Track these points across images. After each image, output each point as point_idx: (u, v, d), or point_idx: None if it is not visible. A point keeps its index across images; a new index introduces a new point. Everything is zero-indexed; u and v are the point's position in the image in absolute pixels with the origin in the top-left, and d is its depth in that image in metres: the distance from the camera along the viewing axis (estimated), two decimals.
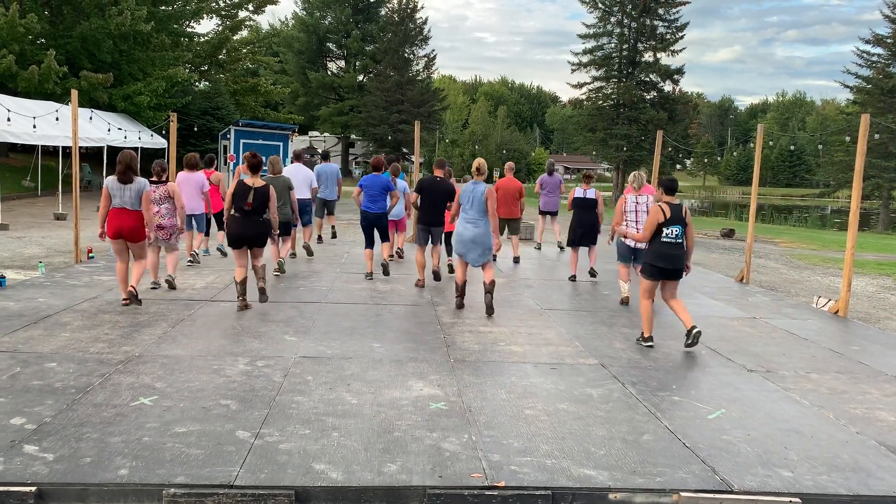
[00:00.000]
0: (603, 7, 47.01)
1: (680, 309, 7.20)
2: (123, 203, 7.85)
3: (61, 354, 6.10)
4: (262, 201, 7.98)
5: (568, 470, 4.21)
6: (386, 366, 6.17)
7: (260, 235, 8.12)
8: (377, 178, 10.23)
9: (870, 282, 14.39)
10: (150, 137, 29.31)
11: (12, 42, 26.48)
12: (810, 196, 64.80)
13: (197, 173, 10.62)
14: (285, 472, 4.03)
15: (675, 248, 6.97)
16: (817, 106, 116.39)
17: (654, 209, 7.02)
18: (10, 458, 4.08)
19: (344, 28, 60.78)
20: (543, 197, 14.89)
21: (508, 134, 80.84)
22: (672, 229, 6.93)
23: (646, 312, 7.24)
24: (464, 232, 8.46)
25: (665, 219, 6.91)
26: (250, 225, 8.01)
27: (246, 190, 7.93)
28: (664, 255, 6.97)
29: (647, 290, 7.19)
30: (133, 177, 7.87)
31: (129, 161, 7.87)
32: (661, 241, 6.97)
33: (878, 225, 40.13)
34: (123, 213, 7.86)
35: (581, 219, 10.86)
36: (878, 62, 41.62)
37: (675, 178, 7.41)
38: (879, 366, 7.00)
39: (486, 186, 8.52)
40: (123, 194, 7.83)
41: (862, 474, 4.38)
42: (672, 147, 41.43)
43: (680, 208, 7.04)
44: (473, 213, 8.46)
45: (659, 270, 7.03)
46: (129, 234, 7.91)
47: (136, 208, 7.89)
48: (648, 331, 7.26)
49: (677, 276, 7.12)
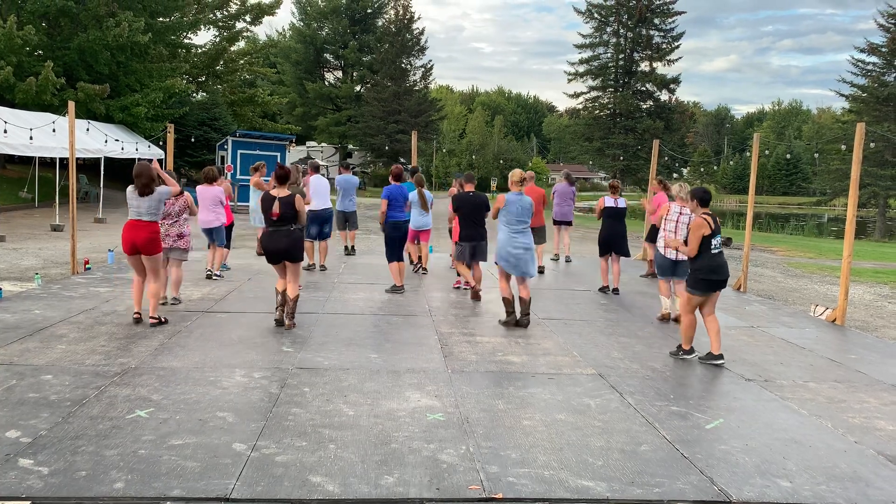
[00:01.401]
0: (599, 17, 47.30)
1: (714, 330, 7.07)
2: (140, 215, 7.59)
3: (57, 367, 6.08)
4: (288, 211, 7.64)
5: (566, 481, 4.20)
6: (383, 377, 6.15)
7: (293, 247, 7.73)
8: (399, 187, 10.35)
9: (867, 290, 14.40)
10: (147, 148, 29.30)
11: (10, 54, 26.54)
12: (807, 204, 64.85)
13: (214, 187, 10.56)
14: (282, 484, 4.01)
15: (721, 258, 6.94)
16: (813, 115, 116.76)
17: (698, 222, 6.89)
18: (5, 471, 4.05)
19: (341, 39, 61.02)
20: (557, 206, 14.47)
21: (506, 143, 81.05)
22: (717, 240, 6.90)
23: (690, 327, 7.10)
24: (515, 244, 8.23)
25: (711, 230, 6.83)
26: (281, 237, 7.68)
27: (271, 200, 7.67)
28: (716, 268, 6.86)
29: (694, 305, 7.05)
30: (154, 188, 7.64)
31: (150, 172, 7.64)
32: (711, 253, 6.86)
33: (874, 233, 40.23)
34: (139, 225, 7.58)
35: (612, 228, 10.80)
36: (873, 71, 41.84)
37: (709, 190, 7.35)
38: (877, 374, 6.99)
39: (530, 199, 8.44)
40: (140, 205, 7.59)
41: (860, 484, 4.36)
42: (669, 156, 41.55)
43: (716, 218, 7.01)
44: (522, 224, 8.31)
45: (713, 284, 6.90)
46: (143, 246, 7.58)
47: (151, 220, 7.64)
48: (689, 343, 7.15)
49: (723, 287, 7.06)
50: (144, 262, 7.68)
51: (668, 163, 44.76)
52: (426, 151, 65.95)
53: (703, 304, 7.07)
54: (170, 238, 8.61)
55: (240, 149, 29.37)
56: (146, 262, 7.67)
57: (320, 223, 11.95)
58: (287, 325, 7.84)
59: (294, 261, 7.83)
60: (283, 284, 7.95)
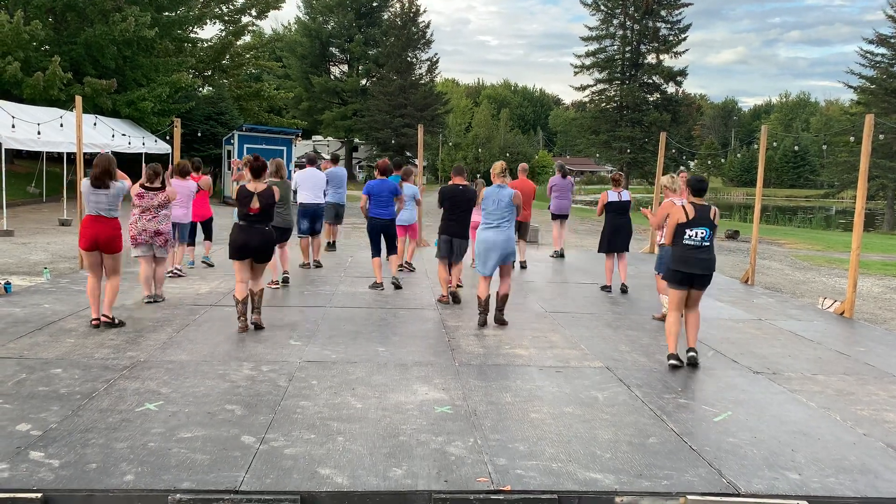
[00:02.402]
0: (605, 9, 47.10)
1: (692, 325, 6.69)
2: (99, 210, 7.16)
3: (66, 360, 6.11)
4: (267, 206, 7.31)
5: (574, 473, 4.20)
6: (391, 370, 6.16)
7: (265, 245, 7.34)
8: (384, 182, 9.78)
9: (875, 282, 14.34)
10: (154, 143, 29.38)
11: (17, 49, 26.60)
12: (815, 197, 64.66)
13: (188, 181, 10.20)
14: (290, 476, 4.02)
15: (698, 252, 6.47)
16: (821, 107, 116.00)
17: (674, 209, 6.63)
18: (16, 464, 4.08)
19: (347, 32, 60.94)
20: (555, 200, 14.08)
21: (512, 137, 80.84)
22: (696, 231, 6.46)
23: (670, 327, 6.69)
24: (487, 238, 7.90)
25: (687, 219, 6.48)
26: (254, 233, 7.25)
27: (248, 195, 7.23)
28: (687, 260, 6.47)
29: (673, 301, 6.69)
30: (109, 182, 7.18)
31: (107, 165, 7.21)
32: (683, 243, 6.50)
33: (883, 225, 40.04)
34: (99, 220, 7.16)
35: (616, 223, 10.39)
36: (881, 62, 41.59)
37: (705, 178, 6.94)
38: (886, 367, 6.97)
39: (512, 190, 8.00)
40: (98, 199, 7.15)
41: (870, 476, 4.35)
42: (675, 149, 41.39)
43: (708, 209, 6.55)
44: (497, 218, 7.91)
45: (680, 276, 6.54)
46: (105, 244, 7.16)
47: (111, 215, 7.21)
48: (673, 347, 6.64)
49: (700, 284, 6.59)
50: (105, 261, 7.26)
51: (674, 155, 44.56)
52: (432, 145, 65.88)
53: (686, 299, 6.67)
54: (146, 234, 8.33)
55: (246, 143, 29.36)
56: (106, 259, 7.25)
57: (313, 218, 11.49)
58: (255, 318, 7.40)
59: (262, 261, 7.43)
60: (243, 291, 7.35)
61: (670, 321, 6.70)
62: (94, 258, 7.25)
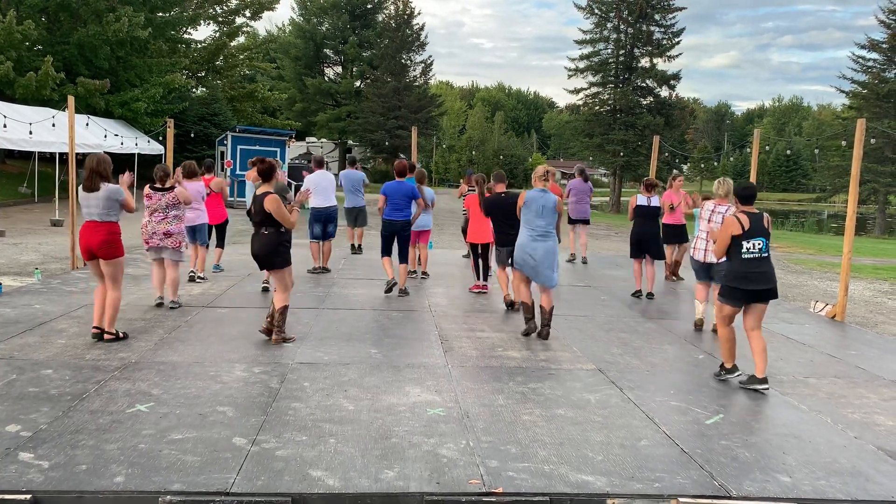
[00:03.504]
0: (599, 13, 47.17)
1: (758, 349, 6.11)
2: (91, 215, 6.76)
3: (57, 361, 6.08)
4: (260, 209, 6.78)
5: (566, 476, 4.20)
6: (383, 371, 6.15)
7: (267, 252, 6.87)
8: (401, 184, 9.51)
9: (867, 286, 14.41)
10: (147, 143, 29.31)
11: (9, 49, 26.49)
12: (807, 201, 64.85)
13: (195, 182, 9.94)
14: (282, 478, 4.01)
15: (761, 265, 5.98)
16: (813, 111, 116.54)
17: (727, 220, 6.11)
18: (5, 465, 4.05)
19: (341, 34, 60.89)
20: (573, 204, 13.62)
21: (506, 139, 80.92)
22: (754, 242, 5.97)
23: (726, 341, 6.26)
24: (534, 247, 7.46)
25: (743, 231, 5.96)
26: (255, 241, 6.93)
27: (253, 199, 6.94)
28: (747, 275, 5.96)
29: (725, 316, 6.20)
30: (101, 183, 6.72)
31: (96, 165, 6.75)
32: (742, 257, 5.97)
33: (874, 229, 40.22)
34: (91, 226, 6.74)
35: (645, 229, 10.06)
36: (873, 67, 41.81)
37: (753, 185, 6.44)
38: (877, 370, 7.00)
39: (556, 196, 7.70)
40: (90, 203, 6.74)
41: (860, 479, 4.37)
42: (669, 152, 41.53)
43: (761, 217, 6.08)
44: (543, 225, 7.51)
45: (741, 293, 6.03)
46: (99, 249, 6.73)
47: (105, 219, 6.77)
48: (731, 360, 6.26)
49: (766, 298, 6.08)
50: (103, 269, 6.83)
51: (668, 159, 44.68)
52: (426, 147, 65.92)
53: (746, 317, 6.18)
54: (156, 237, 8.17)
55: (239, 144, 29.33)
56: (104, 267, 6.82)
57: (324, 222, 11.17)
58: (273, 339, 6.96)
59: (271, 268, 7.00)
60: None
61: (723, 336, 6.26)
62: (93, 267, 6.90)
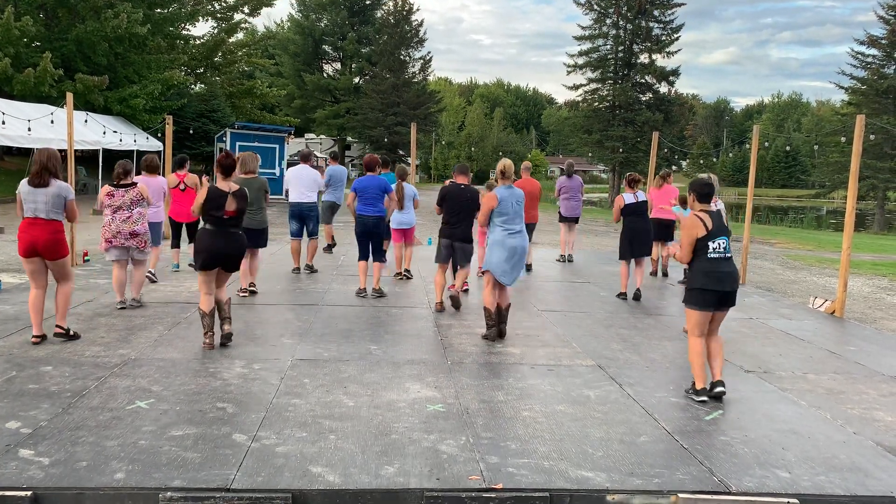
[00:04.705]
0: (598, 9, 47.17)
1: (716, 353, 5.79)
2: (37, 211, 6.38)
3: (57, 358, 6.08)
4: (242, 208, 6.53)
5: (566, 472, 4.21)
6: (383, 368, 6.15)
7: (239, 253, 6.59)
8: (373, 178, 9.16)
9: (866, 282, 14.42)
10: (145, 140, 29.29)
11: (7, 45, 26.46)
12: (806, 197, 64.91)
13: (157, 177, 9.59)
14: (282, 475, 4.01)
15: (728, 265, 5.67)
16: (812, 107, 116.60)
17: (689, 221, 5.73)
18: (6, 462, 4.05)
19: (340, 30, 60.84)
20: (563, 202, 13.35)
21: (505, 136, 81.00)
22: (718, 241, 5.66)
23: (697, 356, 5.70)
24: (514, 245, 7.24)
25: (707, 231, 5.65)
26: (229, 240, 6.47)
27: (221, 196, 6.40)
28: (718, 276, 5.58)
29: (697, 324, 5.69)
30: (50, 179, 6.40)
31: (46, 160, 6.42)
32: (709, 257, 5.63)
33: (873, 225, 40.24)
34: (37, 223, 6.37)
35: (635, 227, 9.76)
36: (872, 63, 41.80)
37: (710, 181, 5.99)
38: (876, 366, 7.01)
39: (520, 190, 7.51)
40: (36, 199, 6.37)
41: (859, 474, 4.37)
42: (668, 149, 41.53)
43: (720, 216, 5.82)
44: (518, 223, 7.32)
45: (708, 295, 5.61)
46: (45, 249, 6.41)
47: (52, 217, 6.41)
48: (702, 381, 5.68)
49: (729, 302, 5.73)
50: (50, 268, 6.56)
51: (667, 155, 44.71)
52: (425, 144, 65.91)
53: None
54: (121, 236, 7.80)
55: (238, 141, 29.32)
56: (52, 267, 6.54)
57: (302, 218, 10.87)
58: (226, 329, 6.66)
59: (232, 269, 6.66)
60: (210, 303, 6.56)
61: (698, 349, 5.71)
62: (35, 265, 6.51)
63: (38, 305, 6.57)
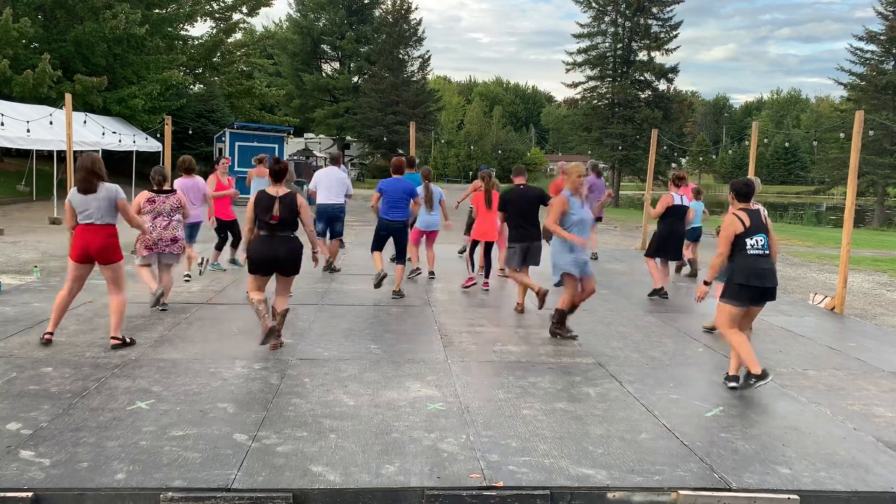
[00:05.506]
0: (597, 6, 47.11)
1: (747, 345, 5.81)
2: (90, 217, 6.34)
3: (57, 359, 6.08)
4: (290, 213, 6.42)
5: (566, 469, 4.21)
6: (383, 367, 6.15)
7: (293, 256, 6.47)
8: (399, 181, 9.07)
9: (866, 278, 14.42)
10: (144, 141, 29.28)
11: (6, 46, 26.44)
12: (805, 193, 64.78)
13: (196, 178, 9.63)
14: (283, 474, 4.02)
15: (766, 261, 5.73)
16: (812, 103, 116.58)
17: (728, 219, 5.84)
18: (7, 463, 4.06)
19: (338, 30, 60.84)
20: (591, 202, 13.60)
21: (504, 134, 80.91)
22: (756, 238, 5.72)
23: (741, 344, 5.74)
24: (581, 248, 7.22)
25: (745, 228, 5.74)
26: (277, 244, 6.41)
27: (269, 200, 6.39)
28: (756, 271, 5.65)
29: (731, 318, 5.80)
30: (98, 184, 6.34)
31: (91, 165, 6.32)
32: (748, 253, 5.71)
33: (873, 221, 40.24)
34: (91, 229, 6.34)
35: (673, 230, 9.68)
36: (871, 59, 41.81)
37: (751, 181, 6.11)
38: (876, 362, 7.01)
39: None
40: (88, 206, 6.33)
41: (860, 470, 4.38)
42: (667, 146, 41.53)
43: (759, 214, 5.87)
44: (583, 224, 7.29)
45: (751, 291, 5.69)
46: (98, 254, 6.36)
47: (106, 222, 6.38)
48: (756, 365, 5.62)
49: (771, 297, 5.81)
50: (103, 273, 6.49)
51: (666, 152, 44.68)
52: (424, 142, 65.93)
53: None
54: (162, 242, 7.83)
55: (237, 141, 29.33)
56: (105, 272, 6.46)
57: (328, 219, 10.82)
58: (272, 345, 6.58)
59: (289, 274, 6.60)
60: (260, 296, 6.52)
61: (739, 339, 5.77)
62: (81, 271, 6.48)
63: (63, 307, 6.58)
